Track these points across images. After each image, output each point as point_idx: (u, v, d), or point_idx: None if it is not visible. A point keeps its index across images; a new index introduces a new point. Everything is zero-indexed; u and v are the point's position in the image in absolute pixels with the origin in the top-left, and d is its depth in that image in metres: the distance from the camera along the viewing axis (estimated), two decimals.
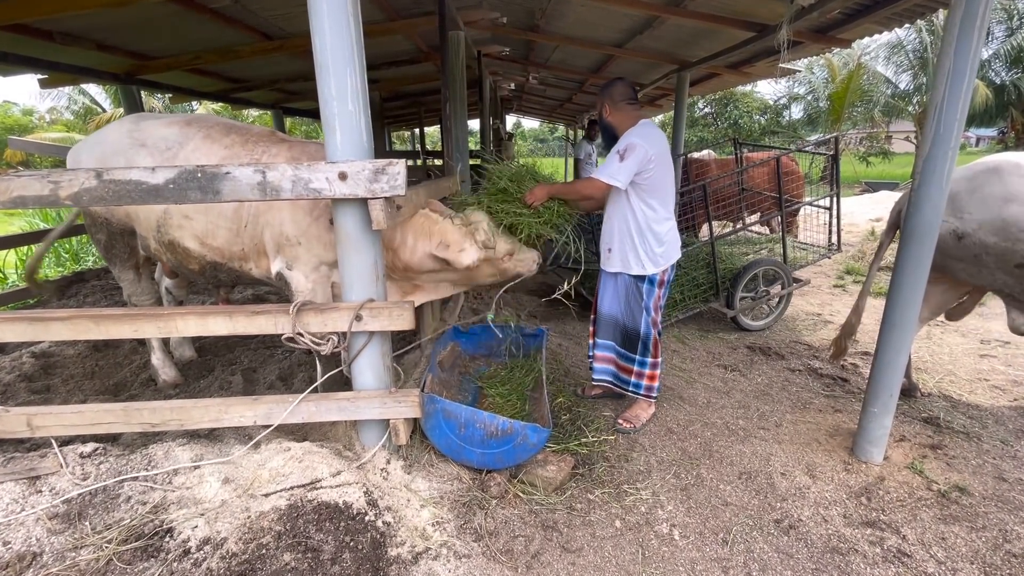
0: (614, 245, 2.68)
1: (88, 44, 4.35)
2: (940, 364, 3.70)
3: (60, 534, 1.76)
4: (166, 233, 2.38)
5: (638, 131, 2.51)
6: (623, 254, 2.65)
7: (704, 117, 25.60)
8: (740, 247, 5.28)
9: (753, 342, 4.08)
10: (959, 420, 2.91)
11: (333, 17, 1.75)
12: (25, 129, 21.98)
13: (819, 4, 2.92)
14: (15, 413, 2.00)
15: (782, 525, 2.12)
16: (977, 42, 1.93)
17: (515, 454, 2.24)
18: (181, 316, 1.98)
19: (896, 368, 2.36)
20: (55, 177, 1.79)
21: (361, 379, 2.14)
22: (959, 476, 2.41)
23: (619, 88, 2.62)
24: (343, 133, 1.87)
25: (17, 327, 1.92)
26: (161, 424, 2.06)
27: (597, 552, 1.98)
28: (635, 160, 2.44)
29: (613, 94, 2.61)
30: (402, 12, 4.98)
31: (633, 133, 2.50)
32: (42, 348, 3.20)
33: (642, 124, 2.55)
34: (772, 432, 2.79)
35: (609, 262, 2.72)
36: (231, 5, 4.10)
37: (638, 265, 2.64)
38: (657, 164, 2.51)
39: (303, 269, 2.28)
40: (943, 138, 2.05)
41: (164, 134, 2.35)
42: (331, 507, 1.85)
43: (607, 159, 2.54)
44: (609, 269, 2.73)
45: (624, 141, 2.49)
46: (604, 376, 2.92)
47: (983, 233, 2.54)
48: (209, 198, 1.84)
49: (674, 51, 5.25)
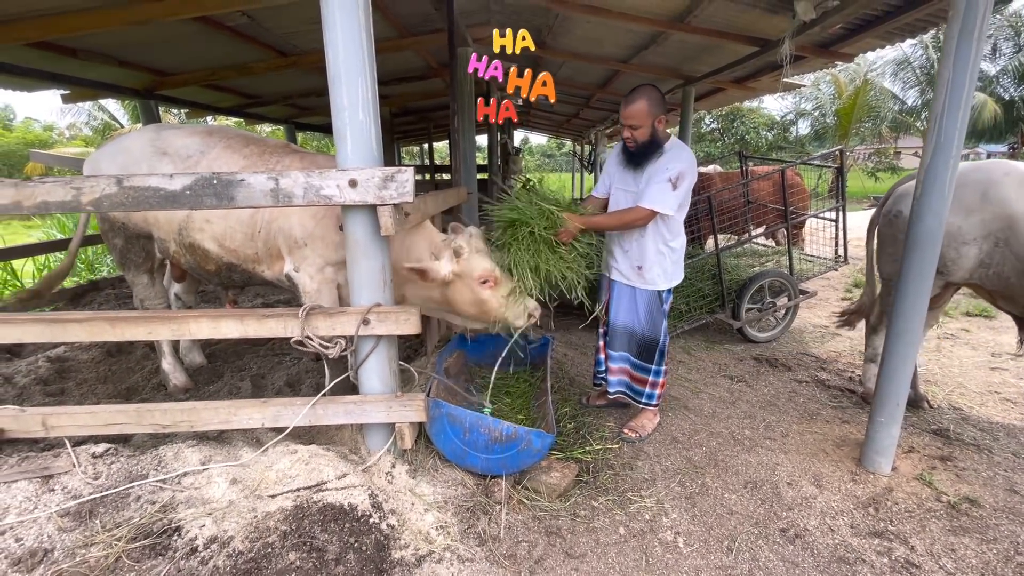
0: (646, 263, 2.59)
1: (109, 60, 4.51)
2: (950, 377, 3.66)
3: (71, 531, 1.78)
4: (188, 236, 2.45)
5: (684, 155, 2.41)
6: (653, 272, 2.60)
7: (711, 132, 25.75)
8: (747, 259, 5.29)
9: (760, 353, 4.06)
10: (969, 432, 2.88)
11: (346, 31, 1.82)
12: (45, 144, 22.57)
13: (821, 19, 2.97)
14: (31, 413, 2.05)
15: (788, 534, 2.10)
16: (975, 53, 1.97)
17: (519, 460, 2.24)
18: (194, 319, 2.03)
19: (902, 377, 2.35)
20: (78, 184, 1.86)
21: (368, 383, 2.17)
22: (969, 488, 2.38)
23: (661, 97, 2.43)
24: (354, 142, 1.93)
25: (36, 328, 1.97)
26: (172, 425, 2.10)
27: (601, 559, 1.97)
28: (686, 188, 2.42)
29: (660, 105, 2.40)
30: (413, 29, 5.12)
31: (680, 158, 2.40)
32: (58, 353, 3.27)
33: (677, 144, 2.48)
34: (778, 442, 2.78)
35: (640, 279, 2.64)
36: (247, 23, 4.24)
37: (664, 280, 2.63)
38: (692, 184, 2.49)
39: (308, 270, 2.34)
40: (944, 147, 2.07)
41: (186, 143, 2.44)
42: (336, 509, 1.86)
43: (657, 186, 2.38)
44: (640, 287, 2.65)
45: (675, 167, 2.37)
46: (619, 388, 2.86)
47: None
48: (224, 204, 1.90)
49: (679, 66, 5.33)
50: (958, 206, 2.56)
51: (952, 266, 2.62)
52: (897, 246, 2.59)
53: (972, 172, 2.62)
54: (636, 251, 2.61)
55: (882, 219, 2.95)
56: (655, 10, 3.73)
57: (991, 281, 2.60)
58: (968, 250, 2.57)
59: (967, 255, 2.59)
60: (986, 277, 2.61)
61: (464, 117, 5.16)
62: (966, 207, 2.57)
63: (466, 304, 2.40)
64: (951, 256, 2.60)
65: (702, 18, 3.70)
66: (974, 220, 2.55)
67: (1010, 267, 2.53)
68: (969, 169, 2.64)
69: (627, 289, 2.72)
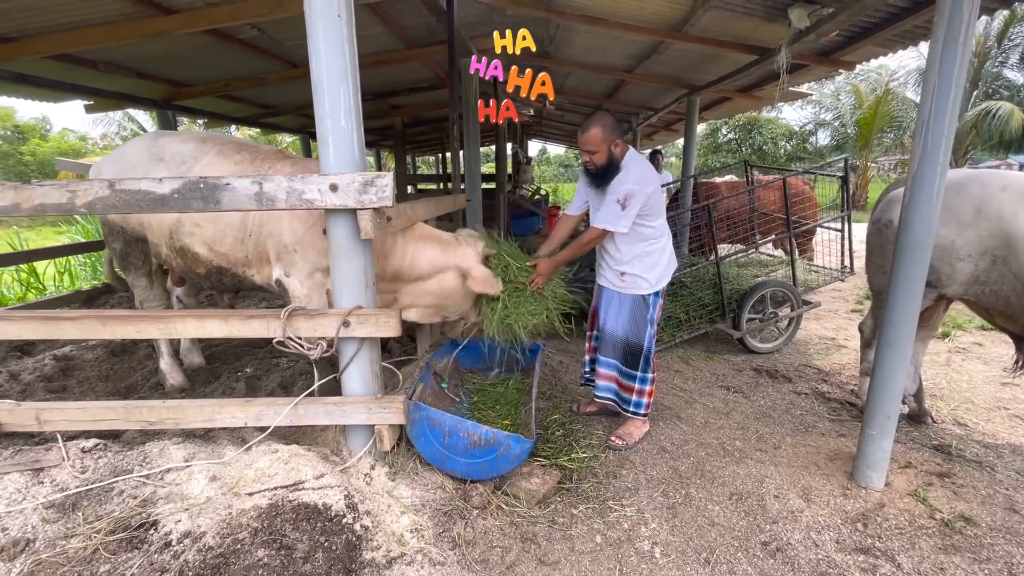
0: (627, 268, 2.66)
1: (128, 72, 4.70)
2: (958, 391, 3.54)
3: (54, 523, 1.84)
4: (178, 239, 2.53)
5: (631, 175, 2.49)
6: (635, 277, 2.66)
7: (728, 143, 25.53)
8: (751, 268, 5.22)
9: (760, 364, 3.99)
10: (972, 449, 2.78)
11: (329, 40, 1.88)
12: (78, 153, 23.54)
13: (815, 27, 2.95)
14: (25, 407, 2.13)
15: (769, 548, 2.05)
16: (961, 59, 1.93)
17: (498, 464, 2.24)
18: (180, 318, 2.09)
19: (893, 388, 2.29)
20: (72, 187, 1.94)
21: (349, 384, 2.20)
22: (966, 505, 2.29)
23: (615, 121, 2.55)
24: (336, 148, 1.98)
25: (32, 325, 2.05)
26: (158, 422, 2.16)
27: (574, 566, 1.95)
28: (636, 206, 2.49)
29: (615, 130, 2.51)
30: (419, 41, 5.23)
31: (627, 179, 2.48)
32: (64, 352, 3.39)
33: (633, 162, 2.53)
34: (769, 454, 2.72)
35: (623, 285, 2.70)
36: (258, 35, 4.39)
37: (648, 285, 2.67)
38: (653, 195, 2.55)
39: (298, 276, 2.39)
40: (931, 154, 2.03)
41: (180, 149, 2.53)
42: (310, 508, 1.89)
43: (607, 207, 2.53)
44: (627, 292, 2.70)
45: (621, 190, 2.47)
46: (607, 394, 2.88)
47: None
48: (210, 207, 1.96)
49: (682, 75, 5.33)
50: (951, 219, 2.48)
51: (946, 280, 2.54)
52: (886, 257, 2.53)
53: (967, 184, 2.51)
54: (618, 257, 2.67)
55: (871, 227, 2.87)
56: (652, 19, 3.75)
57: (988, 298, 2.50)
58: (963, 266, 2.48)
59: (962, 271, 2.49)
60: (982, 294, 2.51)
61: (469, 127, 5.23)
62: (959, 221, 2.47)
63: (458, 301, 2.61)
64: (945, 271, 2.51)
65: (699, 27, 3.71)
66: (969, 235, 2.46)
67: (1008, 286, 2.42)
68: (964, 180, 2.53)
69: (614, 295, 2.75)
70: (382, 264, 2.46)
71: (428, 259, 2.53)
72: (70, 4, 3.33)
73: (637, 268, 2.64)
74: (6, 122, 24.27)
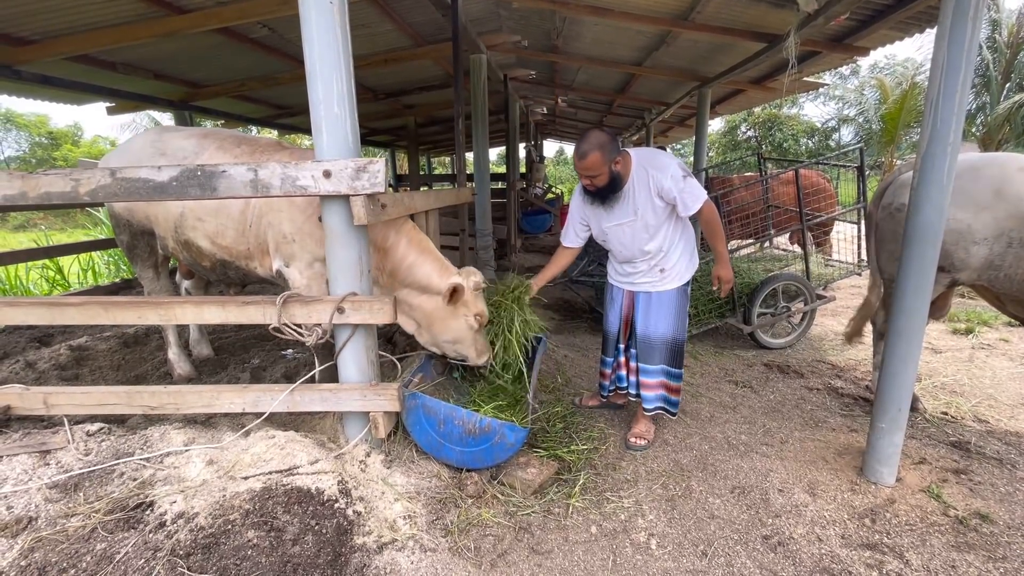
0: (668, 261, 2.56)
1: (146, 73, 4.84)
2: (980, 388, 3.40)
3: (56, 502, 1.89)
4: (182, 233, 2.58)
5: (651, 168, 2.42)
6: (676, 269, 2.57)
7: (748, 140, 25.09)
8: (765, 263, 5.10)
9: (771, 360, 3.89)
10: (993, 446, 2.66)
11: (321, 27, 1.90)
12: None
13: (823, 9, 2.86)
14: (34, 391, 2.19)
15: (770, 542, 1.99)
16: (971, 34, 1.85)
17: (493, 453, 2.22)
18: (179, 305, 2.12)
19: (904, 379, 2.20)
20: (76, 175, 1.99)
21: (345, 372, 2.21)
22: (983, 503, 2.19)
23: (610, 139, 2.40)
24: (329, 134, 1.99)
25: (38, 311, 2.12)
26: (159, 407, 2.20)
27: (567, 556, 1.92)
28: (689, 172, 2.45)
29: (613, 149, 2.36)
30: (428, 38, 5.25)
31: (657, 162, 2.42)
32: (80, 342, 3.49)
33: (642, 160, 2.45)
34: (776, 448, 2.64)
35: (664, 281, 2.58)
36: (268, 34, 4.46)
37: (688, 271, 2.61)
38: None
39: (298, 266, 2.41)
40: (941, 134, 1.95)
41: (183, 144, 2.58)
42: (302, 492, 1.89)
43: (687, 184, 2.39)
44: (667, 287, 2.58)
45: (671, 166, 2.40)
46: (656, 404, 2.70)
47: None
48: (207, 194, 1.99)
49: (693, 67, 5.24)
50: (968, 202, 2.39)
51: (960, 264, 2.44)
52: (899, 243, 2.44)
53: (985, 166, 2.44)
54: (656, 254, 2.54)
55: (882, 212, 2.77)
56: (658, 8, 3.70)
57: (1001, 284, 2.40)
58: (978, 250, 2.39)
59: (976, 255, 2.40)
60: (996, 279, 2.41)
61: (478, 125, 5.23)
62: (976, 203, 2.39)
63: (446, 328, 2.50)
64: (959, 255, 2.42)
65: (706, 15, 3.64)
66: (985, 218, 2.37)
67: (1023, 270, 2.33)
68: (981, 162, 2.45)
69: (652, 296, 2.61)
70: (380, 259, 2.47)
71: (425, 272, 2.46)
72: (86, 5, 3.43)
73: (678, 254, 2.55)
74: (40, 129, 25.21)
